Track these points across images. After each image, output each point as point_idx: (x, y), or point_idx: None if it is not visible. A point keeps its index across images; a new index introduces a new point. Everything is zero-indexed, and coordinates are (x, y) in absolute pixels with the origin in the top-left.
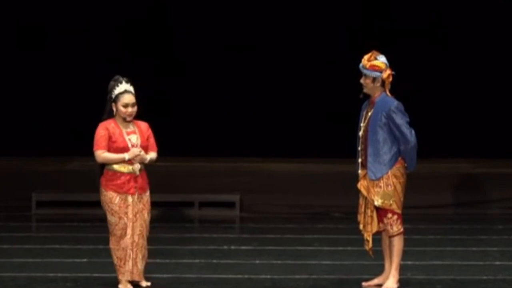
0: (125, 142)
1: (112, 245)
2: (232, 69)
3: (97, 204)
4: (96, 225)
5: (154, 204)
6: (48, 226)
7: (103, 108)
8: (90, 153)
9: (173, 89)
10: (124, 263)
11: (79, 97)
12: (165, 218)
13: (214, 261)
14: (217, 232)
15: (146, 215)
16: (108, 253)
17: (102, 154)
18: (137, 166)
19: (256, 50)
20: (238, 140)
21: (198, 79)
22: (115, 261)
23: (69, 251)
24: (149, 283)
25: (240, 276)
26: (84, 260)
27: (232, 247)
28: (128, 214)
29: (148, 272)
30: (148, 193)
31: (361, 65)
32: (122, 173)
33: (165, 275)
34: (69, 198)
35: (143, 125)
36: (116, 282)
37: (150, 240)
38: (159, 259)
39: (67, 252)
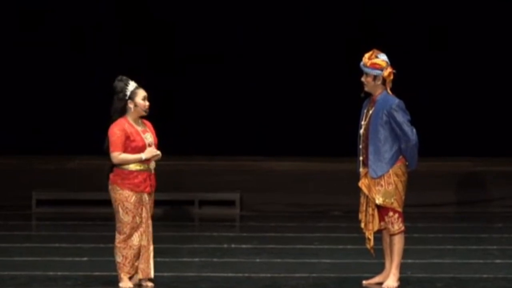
0: (144, 141)
1: (119, 243)
2: (232, 68)
3: (98, 202)
4: (97, 223)
5: (154, 203)
6: (48, 225)
7: (110, 107)
8: (91, 152)
9: (172, 87)
10: (130, 262)
11: (79, 96)
12: (165, 217)
13: (214, 259)
14: (217, 231)
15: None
16: (108, 251)
17: (119, 156)
18: (153, 164)
19: (255, 49)
20: (238, 139)
21: (198, 78)
22: (120, 259)
23: (69, 249)
24: (152, 284)
25: (240, 274)
26: (85, 258)
27: (232, 246)
28: (143, 214)
29: None
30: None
31: (361, 63)
32: (139, 172)
33: (165, 274)
34: (69, 196)
35: (149, 123)
36: (117, 280)
37: None
38: (159, 258)
39: (67, 250)
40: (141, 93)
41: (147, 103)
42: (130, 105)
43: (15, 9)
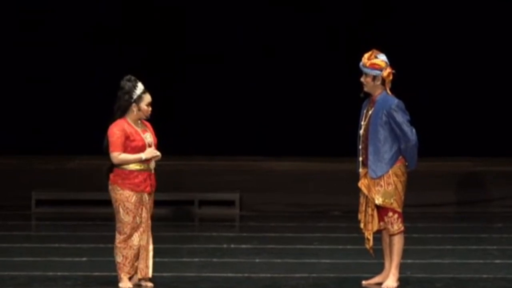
0: (143, 141)
1: (119, 243)
2: (232, 68)
3: (97, 202)
4: (96, 223)
5: (154, 203)
6: (47, 225)
7: (114, 105)
8: (91, 152)
9: (173, 87)
10: (130, 262)
11: (79, 96)
12: (165, 217)
13: (214, 259)
14: (217, 231)
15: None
16: (108, 251)
17: (119, 156)
18: (153, 164)
19: (255, 49)
20: (238, 139)
21: (198, 78)
22: (120, 259)
23: (69, 249)
24: (152, 284)
25: (240, 274)
26: (84, 259)
27: (232, 246)
28: (143, 214)
29: None
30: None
31: (361, 63)
32: (139, 172)
33: (165, 274)
34: (68, 196)
35: (148, 124)
36: (116, 281)
37: None
38: (159, 258)
39: (67, 250)
40: (147, 98)
41: (150, 109)
42: (134, 108)
43: (15, 9)
